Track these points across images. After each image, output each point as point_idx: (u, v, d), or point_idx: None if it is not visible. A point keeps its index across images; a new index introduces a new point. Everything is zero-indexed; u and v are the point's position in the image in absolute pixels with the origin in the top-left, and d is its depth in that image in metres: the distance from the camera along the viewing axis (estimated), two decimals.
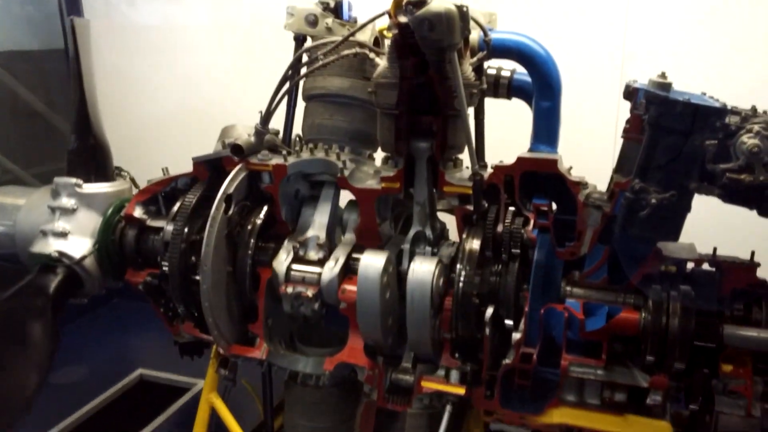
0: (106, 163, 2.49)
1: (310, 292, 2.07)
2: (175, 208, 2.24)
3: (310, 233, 2.18)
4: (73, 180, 2.37)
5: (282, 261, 2.12)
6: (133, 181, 2.59)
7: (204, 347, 2.57)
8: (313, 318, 2.14)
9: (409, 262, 2.03)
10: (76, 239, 2.34)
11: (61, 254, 2.30)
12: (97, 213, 2.39)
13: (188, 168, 2.35)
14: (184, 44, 4.01)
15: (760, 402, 1.81)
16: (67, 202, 2.36)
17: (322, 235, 2.17)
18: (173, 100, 4.09)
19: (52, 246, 2.32)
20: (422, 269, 1.97)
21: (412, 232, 2.13)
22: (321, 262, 2.12)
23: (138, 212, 2.37)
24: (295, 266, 2.13)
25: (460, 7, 1.70)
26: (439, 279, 1.97)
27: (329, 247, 2.17)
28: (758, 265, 1.87)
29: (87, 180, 2.41)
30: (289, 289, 2.09)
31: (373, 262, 1.99)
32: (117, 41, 4.22)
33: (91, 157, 2.43)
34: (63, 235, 2.33)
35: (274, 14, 3.33)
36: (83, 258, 2.32)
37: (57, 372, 3.57)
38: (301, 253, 2.16)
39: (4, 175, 4.41)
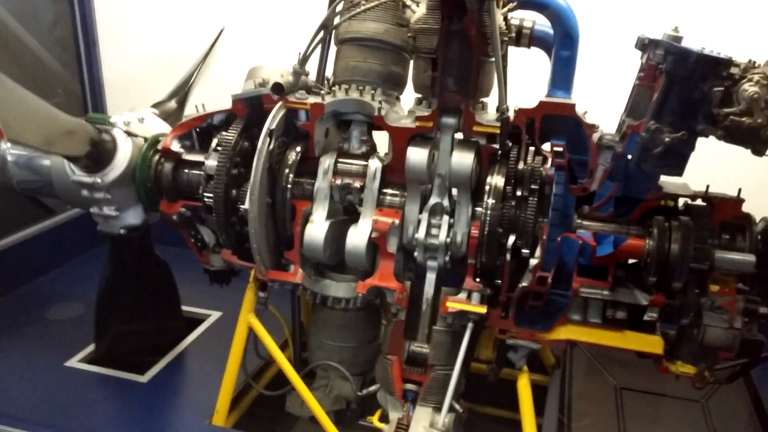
0: (101, 151, 2.48)
1: (357, 183, 2.31)
2: (215, 142, 2.38)
3: (353, 129, 2.41)
4: (90, 180, 2.48)
5: (327, 158, 2.35)
6: (128, 132, 2.56)
7: (232, 275, 2.75)
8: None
9: (426, 233, 2.26)
10: (128, 212, 2.61)
11: (127, 229, 2.62)
12: (127, 185, 2.54)
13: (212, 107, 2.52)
14: None
15: (741, 316, 2.12)
16: (98, 195, 2.52)
17: (364, 130, 2.40)
18: (179, 41, 4.12)
19: (115, 226, 2.61)
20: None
21: (431, 203, 2.28)
22: (365, 156, 2.35)
23: (175, 146, 2.49)
24: (341, 160, 2.35)
25: None
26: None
27: (370, 143, 2.41)
28: (743, 200, 2.16)
29: (98, 166, 2.48)
30: (338, 181, 2.32)
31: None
32: None
33: (174, 108, 2.79)
34: (115, 217, 2.58)
35: None
36: (146, 221, 2.66)
37: (53, 308, 3.69)
38: (345, 146, 2.41)
39: None
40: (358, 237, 2.28)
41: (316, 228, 2.29)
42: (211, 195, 2.31)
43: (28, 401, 2.82)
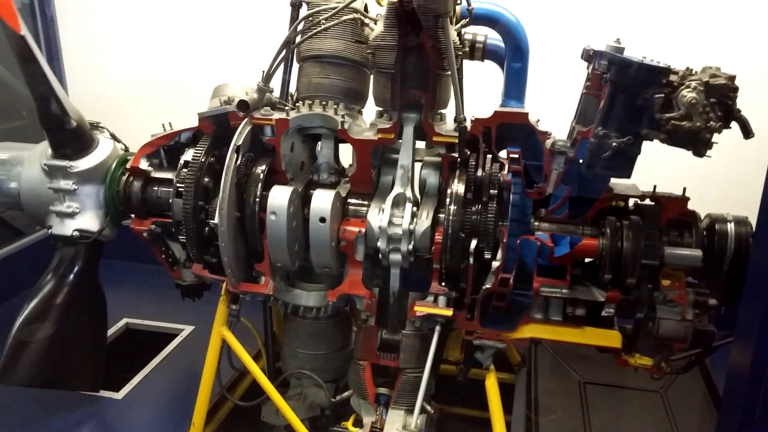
0: (84, 135, 2.57)
1: None
2: (183, 160, 2.43)
3: (321, 160, 2.51)
4: (61, 163, 2.50)
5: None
6: (113, 136, 2.71)
7: (203, 290, 2.80)
8: None
9: (389, 223, 2.30)
10: (87, 214, 2.56)
11: (81, 232, 2.56)
12: (96, 184, 2.57)
13: (158, 126, 2.60)
14: (155, 7, 4.05)
15: (692, 308, 2.24)
16: (65, 184, 2.52)
17: (331, 160, 2.50)
18: (144, 61, 4.15)
19: (69, 227, 2.55)
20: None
21: (393, 194, 2.35)
22: (334, 185, 2.45)
23: (143, 164, 2.54)
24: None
25: None
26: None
27: (339, 168, 2.53)
28: (688, 198, 2.29)
29: (71, 156, 2.52)
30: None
31: None
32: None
33: (73, 136, 2.51)
34: (73, 215, 2.54)
35: None
36: (101, 230, 2.58)
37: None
38: (315, 178, 2.51)
39: None
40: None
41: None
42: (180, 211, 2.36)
43: (5, 420, 2.82)
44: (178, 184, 2.39)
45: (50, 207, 2.57)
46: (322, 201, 2.31)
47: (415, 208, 2.33)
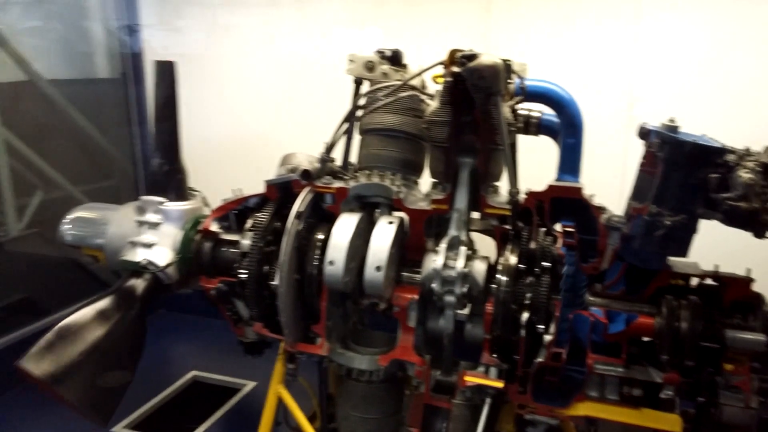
0: (183, 185, 2.86)
1: (382, 305, 2.45)
2: (249, 223, 2.59)
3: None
4: (158, 198, 2.75)
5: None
6: (204, 200, 2.94)
7: (265, 347, 2.90)
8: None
9: (444, 265, 2.31)
10: (160, 249, 2.72)
11: (149, 262, 2.68)
12: (177, 227, 2.76)
13: (247, 190, 2.74)
14: (239, 77, 4.38)
15: (756, 395, 2.13)
16: (152, 217, 2.74)
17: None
18: (227, 129, 4.46)
19: (140, 255, 2.70)
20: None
21: (448, 237, 2.39)
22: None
23: (214, 227, 2.72)
24: None
25: (505, 61, 2.07)
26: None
27: None
28: (753, 280, 2.20)
29: (168, 198, 2.78)
30: (365, 301, 2.49)
31: None
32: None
33: (174, 180, 2.80)
34: (149, 246, 2.71)
35: (322, 58, 3.76)
36: (167, 266, 2.69)
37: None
38: None
39: (56, 191, 4.77)
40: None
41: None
42: (245, 271, 2.50)
43: None
44: (243, 244, 2.53)
45: (128, 239, 2.75)
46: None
47: (469, 252, 2.36)
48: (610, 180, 2.87)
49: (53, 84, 4.70)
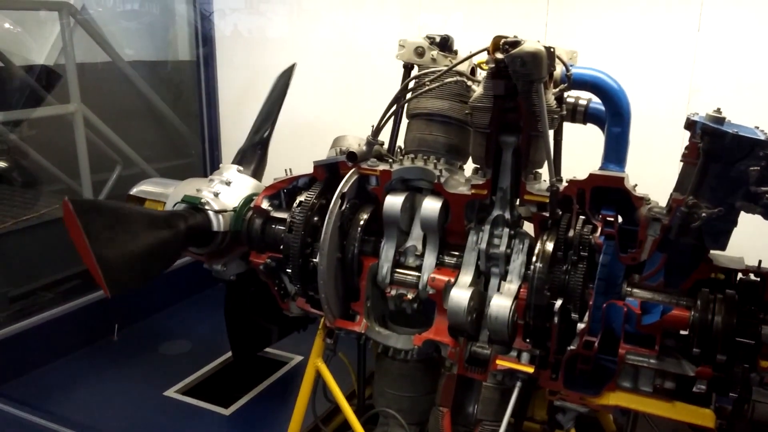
0: (262, 166, 3.26)
1: (410, 295, 2.53)
2: (297, 201, 2.70)
3: (410, 243, 2.61)
4: (236, 166, 3.09)
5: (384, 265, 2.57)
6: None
7: (308, 322, 3.03)
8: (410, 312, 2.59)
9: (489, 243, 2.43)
10: (222, 201, 2.93)
11: (208, 202, 2.91)
12: (241, 193, 3.00)
13: (302, 169, 2.85)
14: (302, 61, 4.52)
15: None
16: (227, 176, 3.02)
17: (419, 245, 2.59)
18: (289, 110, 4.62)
19: (204, 197, 2.92)
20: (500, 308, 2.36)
21: (493, 215, 2.46)
22: (418, 268, 2.55)
23: (265, 204, 2.85)
24: (398, 270, 2.58)
25: (548, 48, 2.09)
26: (514, 315, 2.34)
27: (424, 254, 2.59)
28: None
29: (245, 171, 3.12)
30: (393, 291, 2.56)
31: (460, 296, 2.39)
32: (244, 55, 4.82)
33: (257, 158, 3.22)
34: (215, 194, 2.94)
35: (379, 43, 3.84)
36: (222, 211, 2.89)
37: (164, 344, 4.14)
38: (401, 260, 2.60)
39: (132, 169, 5.06)
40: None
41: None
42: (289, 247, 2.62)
43: (122, 422, 3.21)
44: (289, 221, 2.65)
45: (195, 187, 2.98)
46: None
47: (512, 232, 2.44)
48: (667, 173, 2.82)
49: (133, 65, 4.97)
